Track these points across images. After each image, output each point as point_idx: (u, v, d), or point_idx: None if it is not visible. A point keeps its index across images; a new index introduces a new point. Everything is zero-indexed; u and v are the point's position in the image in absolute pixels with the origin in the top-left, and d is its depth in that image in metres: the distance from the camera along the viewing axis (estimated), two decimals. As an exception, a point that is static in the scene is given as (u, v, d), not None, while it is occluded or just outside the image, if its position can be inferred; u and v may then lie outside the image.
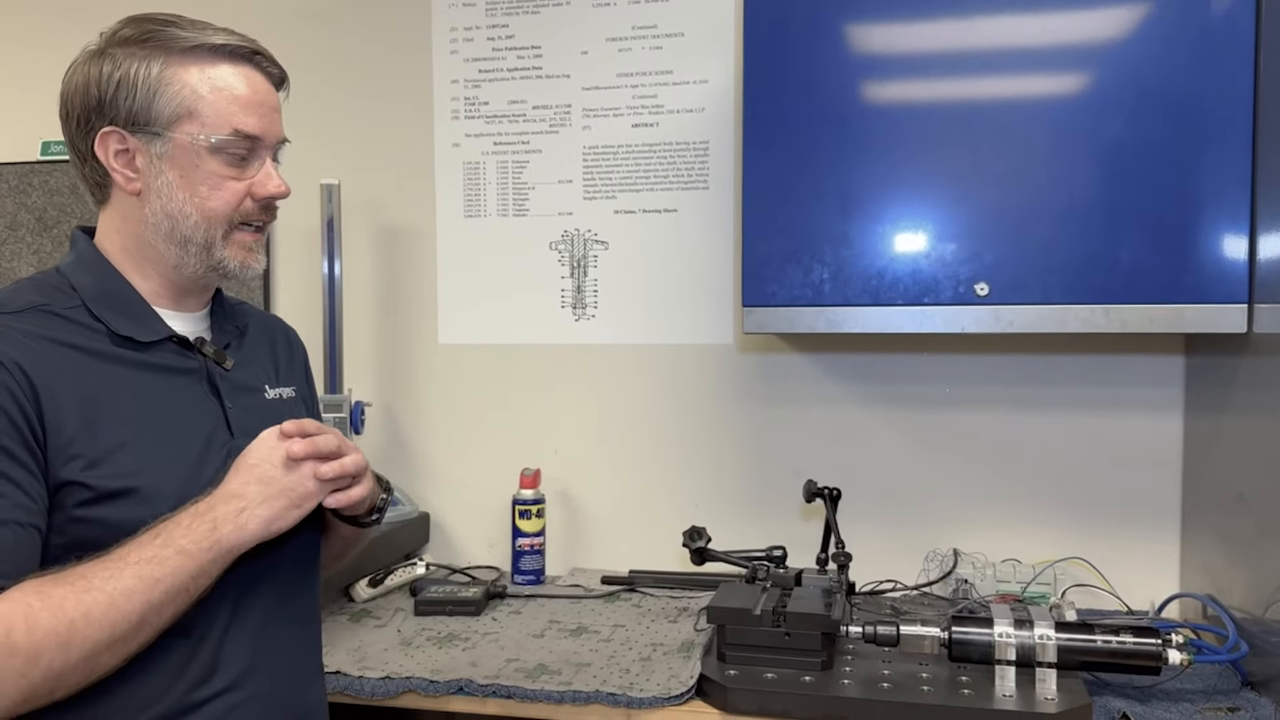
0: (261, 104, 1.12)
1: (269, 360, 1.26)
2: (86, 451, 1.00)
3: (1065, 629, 1.40)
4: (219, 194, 1.10)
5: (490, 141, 2.14)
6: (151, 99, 1.06)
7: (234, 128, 1.09)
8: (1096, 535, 1.90)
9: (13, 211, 2.36)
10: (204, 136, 1.08)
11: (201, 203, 1.09)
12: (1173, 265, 1.53)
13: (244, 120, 1.10)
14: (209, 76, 1.08)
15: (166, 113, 1.07)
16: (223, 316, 1.21)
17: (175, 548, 0.97)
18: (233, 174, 1.10)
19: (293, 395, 1.26)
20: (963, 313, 1.60)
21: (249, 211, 1.12)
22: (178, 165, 1.08)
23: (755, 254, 1.68)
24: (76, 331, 1.06)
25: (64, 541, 0.99)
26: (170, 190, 1.08)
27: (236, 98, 1.09)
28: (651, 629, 1.73)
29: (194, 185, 1.08)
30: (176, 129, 1.07)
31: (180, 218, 1.09)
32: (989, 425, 1.95)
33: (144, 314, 1.11)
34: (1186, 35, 1.51)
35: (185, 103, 1.07)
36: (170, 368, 1.11)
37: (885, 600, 1.85)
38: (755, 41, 1.67)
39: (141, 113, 1.06)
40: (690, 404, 2.08)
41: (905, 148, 1.62)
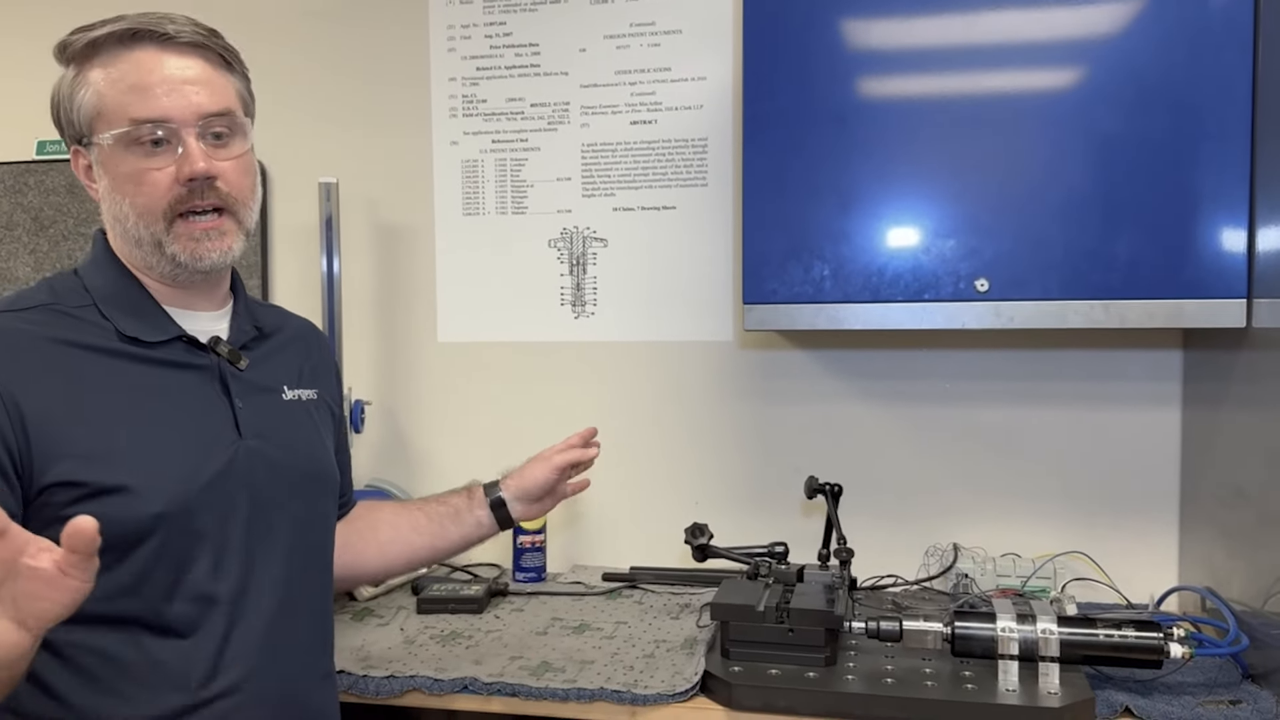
0: (162, 82, 1.06)
1: (294, 362, 1.26)
2: (76, 450, 1.00)
3: (1067, 623, 1.41)
4: (143, 189, 1.07)
5: (488, 139, 2.14)
6: (74, 111, 1.08)
7: (129, 117, 1.05)
8: (1096, 529, 1.90)
9: (8, 211, 2.35)
10: (109, 135, 1.06)
11: (131, 200, 1.08)
12: (1172, 260, 1.53)
13: (140, 106, 1.05)
14: (107, 70, 1.07)
15: (85, 120, 1.08)
16: (243, 317, 1.21)
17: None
18: (153, 165, 1.06)
19: (314, 398, 1.26)
20: (963, 309, 1.60)
21: (179, 198, 1.07)
22: (107, 169, 1.08)
23: (755, 251, 1.68)
24: (83, 329, 1.07)
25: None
26: (109, 195, 1.09)
27: (131, 85, 1.06)
28: (654, 626, 1.73)
29: (121, 185, 1.08)
30: (95, 133, 1.08)
31: (123, 219, 1.09)
32: (988, 420, 1.96)
33: (153, 314, 1.11)
34: (1185, 29, 1.52)
35: (92, 104, 1.07)
36: (179, 365, 1.11)
37: (886, 595, 1.86)
38: (754, 38, 1.67)
39: (75, 126, 1.09)
40: (690, 401, 2.09)
41: (905, 144, 1.62)
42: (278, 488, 1.15)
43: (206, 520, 1.07)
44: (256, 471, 1.13)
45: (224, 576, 1.09)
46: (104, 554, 0.99)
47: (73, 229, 2.32)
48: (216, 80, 1.11)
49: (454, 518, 1.43)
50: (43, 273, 2.34)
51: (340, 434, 1.38)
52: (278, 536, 1.15)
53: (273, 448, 1.16)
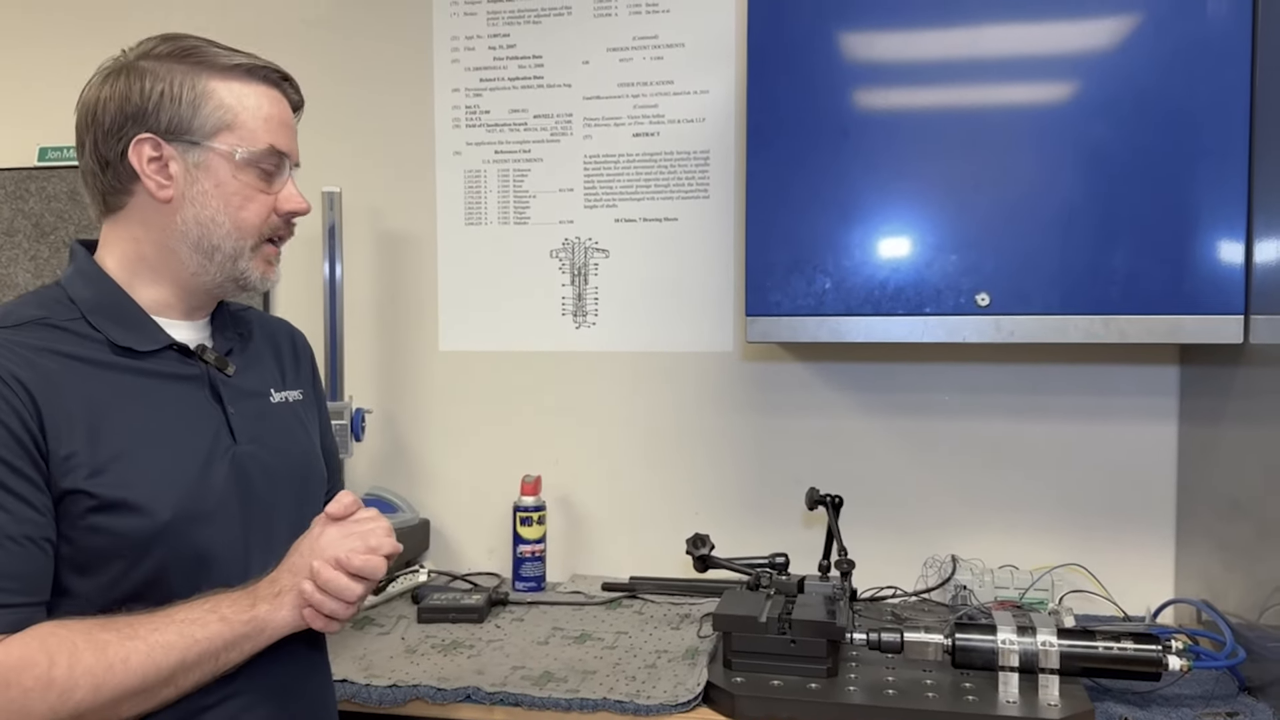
0: (288, 125, 1.16)
1: (274, 364, 1.27)
2: (89, 461, 1.01)
3: (1067, 635, 1.42)
4: (251, 205, 1.12)
5: (491, 150, 2.15)
6: (194, 110, 1.09)
7: (269, 143, 1.12)
8: (1093, 542, 1.92)
9: (9, 217, 2.36)
10: (242, 149, 1.11)
11: (235, 213, 1.11)
12: (1170, 276, 1.55)
13: (277, 137, 1.13)
14: (246, 94, 1.12)
15: (208, 124, 1.09)
16: (224, 323, 1.21)
17: (218, 614, 1.02)
18: (262, 187, 1.13)
19: (300, 398, 1.27)
20: (964, 322, 1.62)
21: (275, 225, 1.16)
22: (213, 175, 1.10)
23: (758, 263, 1.69)
24: (77, 342, 1.07)
25: (71, 550, 1.01)
26: (205, 199, 1.10)
27: (270, 116, 1.13)
28: (655, 636, 1.74)
29: (228, 195, 1.11)
30: (216, 140, 1.10)
31: (213, 226, 1.11)
32: (987, 433, 1.97)
33: (143, 324, 1.11)
34: (1184, 46, 1.54)
35: (225, 116, 1.10)
36: (171, 375, 1.11)
37: (886, 606, 1.87)
38: (758, 52, 1.69)
39: (182, 123, 1.09)
40: (690, 411, 2.10)
41: (907, 158, 1.64)
42: (274, 491, 1.16)
43: (208, 527, 1.08)
44: (253, 476, 1.14)
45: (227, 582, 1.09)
46: (112, 562, 1.02)
47: (73, 235, 2.32)
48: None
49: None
50: (42, 279, 2.34)
51: (328, 432, 1.38)
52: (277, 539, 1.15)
53: (267, 452, 1.16)
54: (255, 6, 2.23)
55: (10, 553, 0.96)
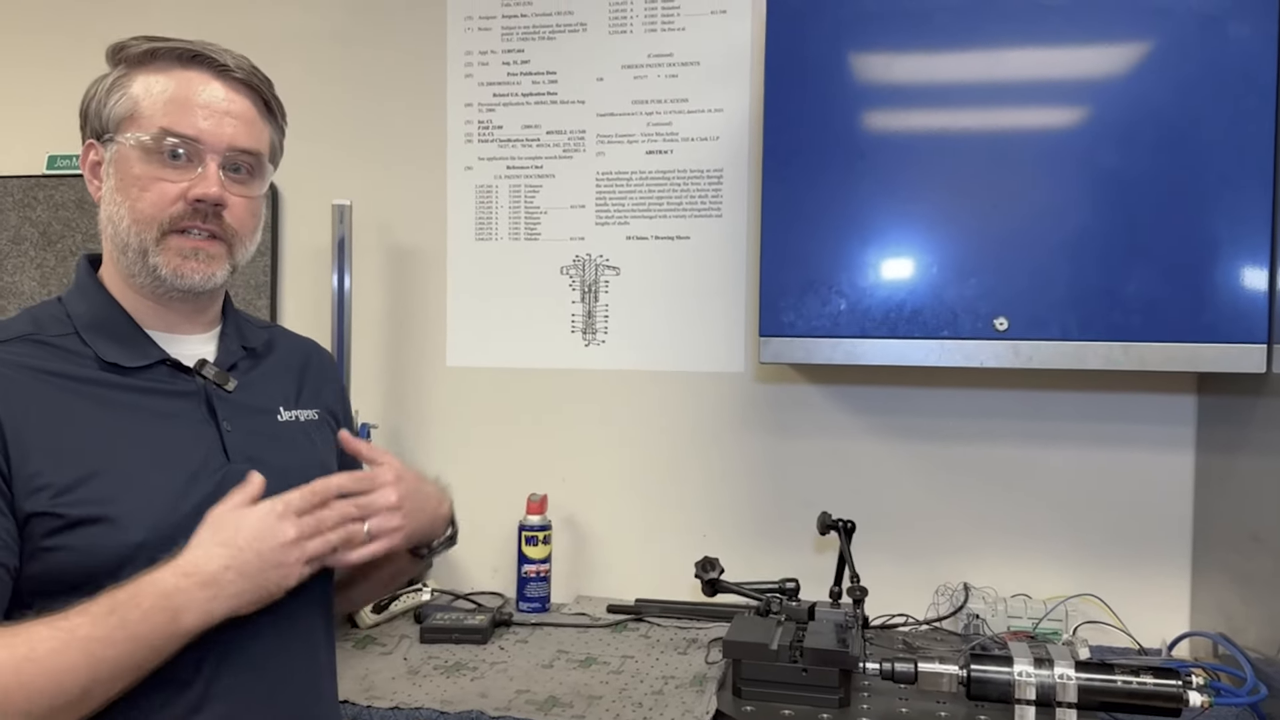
0: (205, 106, 1.08)
1: (291, 382, 1.23)
2: (56, 480, 0.98)
3: (1085, 668, 1.39)
4: (147, 195, 1.07)
5: (503, 165, 2.14)
6: (106, 106, 1.09)
7: (160, 126, 1.07)
8: (1107, 572, 1.89)
9: (16, 225, 2.34)
10: (135, 136, 1.07)
11: (132, 204, 1.07)
12: (1192, 304, 1.53)
13: (176, 119, 1.07)
14: (154, 80, 1.09)
15: (115, 117, 1.08)
16: (232, 338, 1.19)
17: (128, 632, 0.93)
18: (166, 175, 1.07)
19: (314, 418, 1.23)
20: (982, 347, 1.59)
21: (178, 213, 1.07)
22: (118, 169, 1.08)
23: (773, 284, 1.67)
24: (63, 358, 1.05)
25: (37, 570, 0.97)
26: (111, 195, 1.08)
27: (174, 98, 1.08)
28: (661, 660, 1.71)
29: (127, 187, 1.07)
30: (120, 132, 1.08)
31: (116, 220, 1.08)
32: (1000, 459, 1.95)
33: (134, 339, 1.09)
34: (1207, 71, 1.53)
35: (128, 105, 1.08)
36: (162, 391, 1.08)
37: (897, 635, 1.84)
38: (775, 72, 1.67)
39: (101, 121, 1.09)
40: (700, 432, 2.07)
41: (925, 181, 1.62)
42: None
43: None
44: None
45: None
46: (84, 585, 0.96)
47: (80, 244, 2.31)
48: (256, 122, 1.14)
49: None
50: (48, 287, 2.32)
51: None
52: None
53: (264, 471, 1.13)
54: (268, 20, 2.23)
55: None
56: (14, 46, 2.38)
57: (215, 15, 2.25)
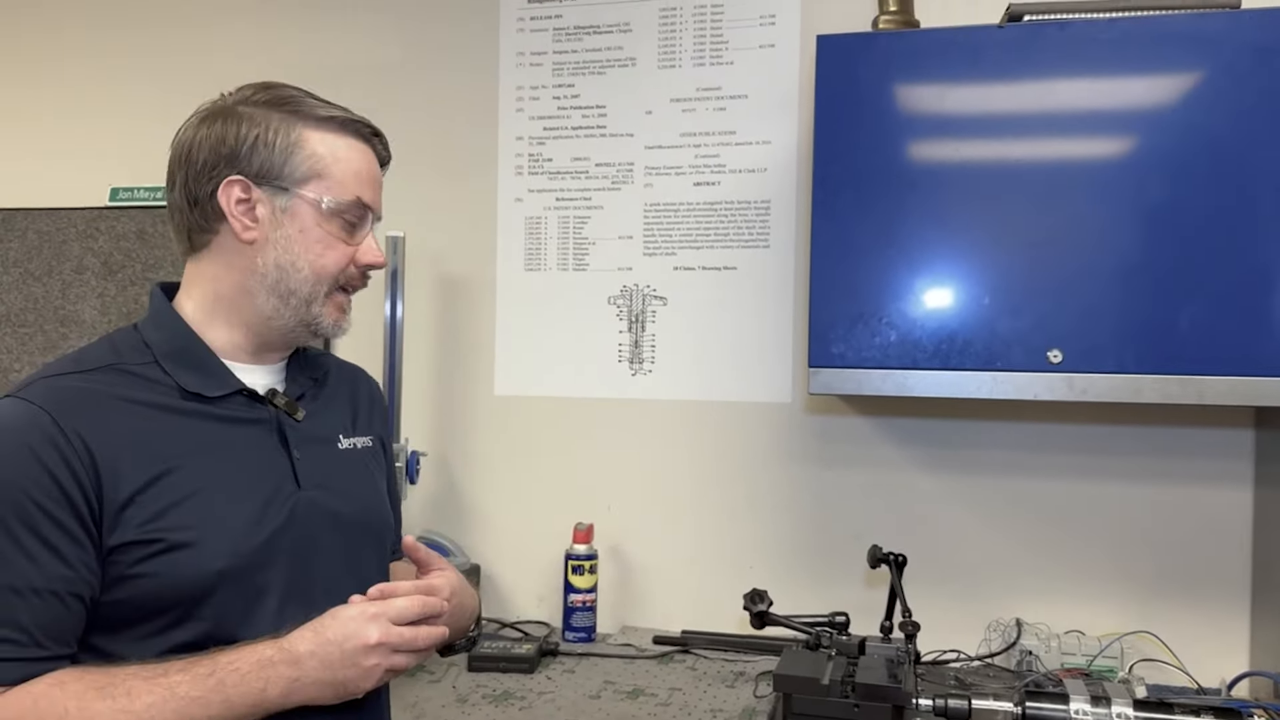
0: (375, 180, 1.18)
1: (347, 409, 1.26)
2: (147, 507, 1.01)
3: (1144, 707, 1.36)
4: (331, 254, 1.14)
5: (553, 197, 2.17)
6: (286, 156, 1.11)
7: (356, 195, 1.14)
8: (1163, 609, 1.86)
9: (79, 255, 2.41)
10: (330, 199, 1.12)
11: (315, 259, 1.13)
12: (1250, 336, 1.51)
13: (364, 191, 1.15)
14: (338, 146, 1.14)
15: (299, 171, 1.11)
16: (299, 368, 1.22)
17: (223, 695, 0.97)
18: (344, 237, 1.15)
19: (369, 445, 1.26)
20: (1035, 379, 1.58)
21: (351, 276, 1.17)
22: (299, 221, 1.12)
23: (822, 315, 1.68)
24: (146, 387, 1.08)
25: (119, 598, 1.00)
26: (288, 243, 1.12)
27: (360, 170, 1.15)
28: (709, 693, 1.70)
29: (310, 242, 1.12)
30: (304, 187, 1.11)
31: (291, 270, 1.12)
32: (1053, 493, 1.92)
33: (213, 368, 1.12)
34: (1260, 104, 1.52)
35: (316, 165, 1.12)
36: (239, 420, 1.11)
37: (949, 671, 1.81)
38: (826, 104, 1.68)
39: (273, 168, 1.11)
40: (747, 462, 2.07)
41: (976, 212, 1.62)
42: (337, 538, 1.15)
43: (269, 574, 1.07)
44: (316, 522, 1.13)
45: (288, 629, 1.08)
46: (168, 611, 1.01)
47: (140, 274, 2.37)
48: None
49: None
50: (109, 316, 2.38)
51: (391, 476, 1.38)
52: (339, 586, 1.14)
53: (332, 498, 1.16)
54: (327, 54, 2.28)
55: (29, 604, 0.96)
56: (79, 84, 2.46)
57: (274, 49, 2.31)
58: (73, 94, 2.47)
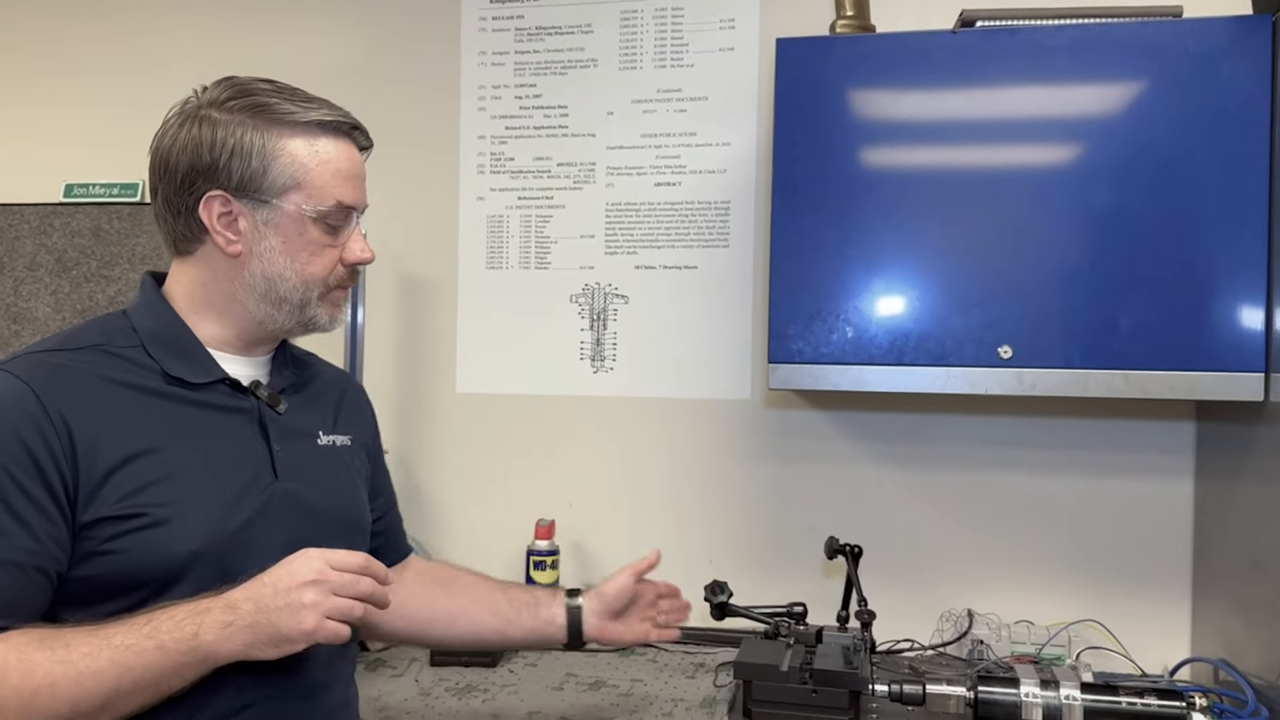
0: (357, 175, 1.17)
1: (329, 409, 1.28)
2: (124, 484, 1.02)
3: (1091, 690, 1.41)
4: (318, 260, 1.14)
5: (515, 196, 2.18)
6: (264, 168, 1.10)
7: (337, 200, 1.13)
8: (1109, 598, 1.91)
9: (32, 252, 2.37)
10: (310, 207, 1.12)
11: (301, 268, 1.13)
12: (1191, 333, 1.57)
13: (344, 192, 1.14)
14: (315, 150, 1.13)
15: (278, 183, 1.11)
16: (283, 363, 1.23)
17: (156, 641, 0.96)
18: (329, 241, 1.14)
19: (348, 443, 1.28)
20: (986, 375, 1.63)
21: (341, 276, 1.17)
22: (281, 232, 1.12)
23: (781, 312, 1.71)
24: (131, 370, 1.09)
25: (91, 574, 1.01)
26: (272, 255, 1.12)
27: (338, 171, 1.14)
28: (670, 684, 1.73)
29: (295, 252, 1.13)
30: (284, 198, 1.11)
31: (279, 281, 1.13)
32: (1002, 486, 1.98)
33: (198, 356, 1.13)
34: (1202, 111, 1.58)
35: (294, 174, 1.11)
36: (221, 407, 1.13)
37: (903, 660, 1.86)
38: (785, 107, 1.72)
39: (252, 180, 1.10)
40: (706, 458, 2.10)
41: (930, 213, 1.67)
42: (311, 531, 1.16)
43: (240, 560, 1.08)
44: (291, 514, 1.14)
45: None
46: (139, 589, 1.02)
47: (95, 271, 2.34)
48: None
49: (532, 609, 1.39)
50: (63, 314, 2.35)
51: (383, 481, 1.39)
52: None
53: (308, 491, 1.17)
54: (287, 53, 2.28)
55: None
56: (32, 75, 2.43)
57: (234, 48, 2.30)
58: (26, 87, 2.43)
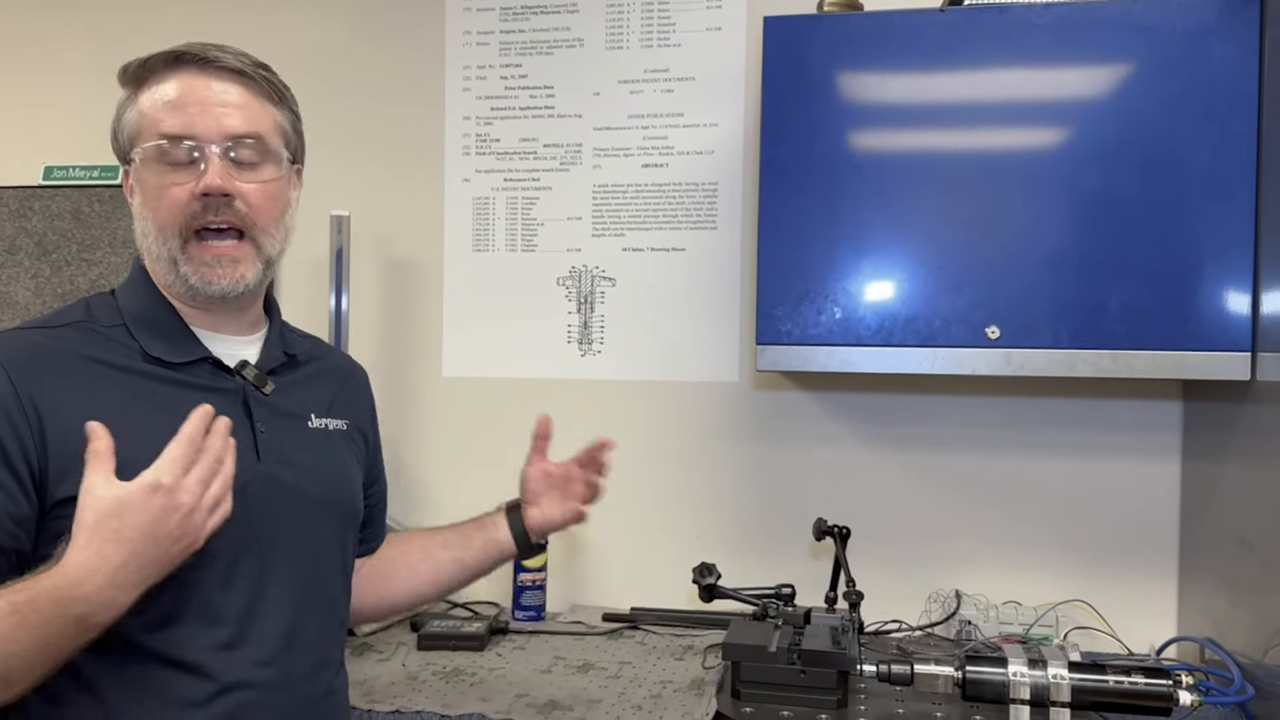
0: (196, 102, 1.09)
1: (327, 392, 1.27)
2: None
3: (1078, 669, 1.41)
4: (162, 202, 1.09)
5: (500, 178, 2.16)
6: (121, 129, 1.13)
7: (158, 131, 1.09)
8: (1096, 578, 1.92)
9: (11, 235, 2.34)
10: (140, 149, 1.10)
11: (153, 214, 1.11)
12: (1178, 313, 1.57)
13: (170, 123, 1.09)
14: (150, 92, 1.11)
15: (128, 138, 1.12)
16: (274, 343, 1.22)
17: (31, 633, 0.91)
18: (177, 180, 1.08)
19: (343, 428, 1.27)
20: (974, 355, 1.63)
21: (194, 213, 1.09)
22: (139, 184, 1.12)
23: (770, 293, 1.70)
24: (111, 348, 1.09)
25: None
26: (139, 211, 1.13)
27: (166, 103, 1.09)
28: (658, 666, 1.72)
29: (147, 199, 1.11)
30: (133, 152, 1.12)
31: (145, 233, 1.12)
32: (990, 467, 1.98)
33: (180, 336, 1.12)
34: (1191, 90, 1.57)
35: (138, 124, 1.11)
36: (202, 387, 1.12)
37: (891, 640, 1.86)
38: (773, 86, 1.71)
39: (121, 147, 1.13)
40: (694, 441, 2.10)
41: (919, 194, 1.66)
42: (293, 513, 1.15)
43: (219, 540, 1.06)
44: (272, 496, 1.13)
45: (233, 597, 1.08)
46: None
47: (76, 254, 2.31)
48: (253, 106, 1.13)
49: (479, 528, 1.42)
50: (43, 298, 2.32)
51: (376, 470, 1.38)
52: (291, 561, 1.14)
53: (292, 473, 1.16)
54: (270, 34, 2.25)
55: None
56: (12, 57, 2.39)
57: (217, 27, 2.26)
58: (4, 69, 2.40)
